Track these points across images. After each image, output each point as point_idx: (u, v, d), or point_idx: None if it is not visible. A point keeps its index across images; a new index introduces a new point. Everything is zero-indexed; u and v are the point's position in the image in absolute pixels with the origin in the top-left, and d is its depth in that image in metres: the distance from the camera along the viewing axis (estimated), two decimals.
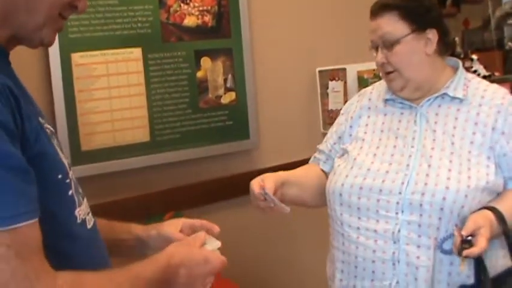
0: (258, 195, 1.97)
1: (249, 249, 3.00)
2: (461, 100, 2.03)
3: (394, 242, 1.95)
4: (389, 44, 1.99)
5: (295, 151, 2.28)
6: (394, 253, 1.95)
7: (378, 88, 2.23)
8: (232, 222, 2.85)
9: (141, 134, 2.65)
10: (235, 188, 2.85)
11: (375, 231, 1.98)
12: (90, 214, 1.35)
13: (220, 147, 2.86)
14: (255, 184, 2.00)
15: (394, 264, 1.96)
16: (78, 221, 1.25)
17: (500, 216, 1.87)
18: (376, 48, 2.03)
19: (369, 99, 2.21)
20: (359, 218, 2.02)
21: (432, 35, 2.01)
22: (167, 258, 1.34)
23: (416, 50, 2.01)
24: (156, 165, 2.68)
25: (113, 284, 1.20)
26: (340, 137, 2.23)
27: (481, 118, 1.99)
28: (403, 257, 1.94)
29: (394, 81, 2.04)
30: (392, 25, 1.98)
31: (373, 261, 1.99)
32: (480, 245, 1.78)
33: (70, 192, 1.22)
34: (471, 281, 1.89)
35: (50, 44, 1.29)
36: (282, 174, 2.12)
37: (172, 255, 1.35)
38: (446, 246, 1.90)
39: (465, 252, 1.78)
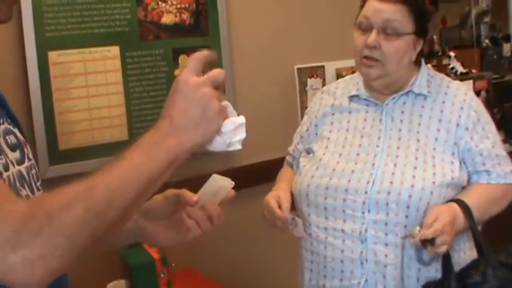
0: (284, 219, 1.97)
1: (228, 247, 3.00)
2: (425, 97, 2.05)
3: (362, 242, 1.96)
4: (391, 33, 1.96)
5: (274, 149, 2.28)
6: (361, 252, 1.97)
7: (342, 85, 2.22)
8: None
9: (119, 132, 2.64)
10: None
11: (343, 231, 1.99)
12: None
13: None
14: (274, 204, 2.01)
15: (362, 263, 1.97)
16: None
17: (466, 209, 1.90)
18: (369, 29, 1.98)
19: (334, 98, 2.20)
20: (326, 218, 2.03)
21: (419, 45, 2.03)
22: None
23: (408, 51, 2.00)
24: None
25: (84, 180, 1.06)
26: (302, 137, 2.25)
27: (445, 115, 2.02)
28: (370, 256, 1.96)
29: (372, 68, 2.00)
30: (402, 17, 1.96)
31: (342, 261, 2.00)
32: (442, 245, 1.82)
33: None
34: (440, 275, 1.93)
35: (8, 19, 1.24)
36: (288, 191, 2.13)
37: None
38: (425, 257, 1.93)
39: (429, 250, 1.83)
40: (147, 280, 1.96)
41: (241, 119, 1.20)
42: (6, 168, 1.19)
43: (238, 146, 1.21)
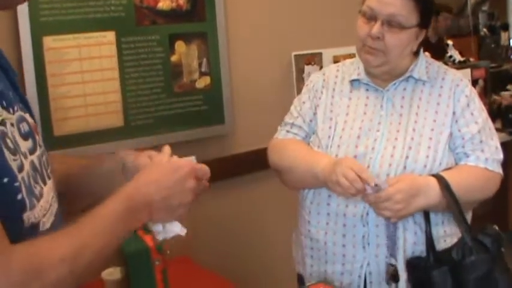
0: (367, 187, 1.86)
1: (222, 234, 2.99)
2: (424, 82, 2.08)
3: (363, 225, 1.99)
4: (396, 25, 1.96)
5: (271, 136, 2.26)
6: (364, 236, 2.00)
7: (343, 69, 2.21)
8: (207, 207, 2.83)
9: (114, 119, 2.62)
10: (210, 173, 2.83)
11: (344, 215, 2.02)
12: (50, 211, 1.28)
13: (195, 132, 2.83)
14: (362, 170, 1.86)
15: (364, 247, 2.01)
16: (26, 225, 1.17)
17: (446, 185, 1.91)
18: (373, 19, 1.97)
19: (335, 82, 2.19)
20: (328, 204, 2.05)
21: (421, 36, 2.05)
22: (132, 183, 1.33)
23: (410, 42, 2.01)
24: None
25: (70, 237, 1.17)
26: (314, 114, 2.18)
27: (443, 99, 2.05)
28: (373, 239, 1.99)
29: (374, 56, 2.01)
30: (408, 11, 1.96)
31: (344, 245, 2.04)
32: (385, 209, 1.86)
33: (19, 196, 1.15)
34: None
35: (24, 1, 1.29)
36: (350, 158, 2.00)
37: (137, 179, 1.34)
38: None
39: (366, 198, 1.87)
40: (142, 268, 1.95)
41: (183, 232, 1.41)
42: (21, 169, 1.18)
43: (159, 239, 1.42)
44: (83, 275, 1.17)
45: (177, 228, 1.40)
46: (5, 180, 1.12)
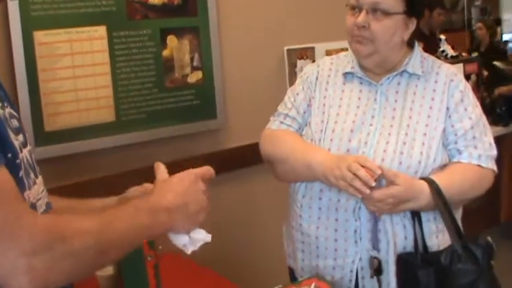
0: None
1: (214, 229, 2.98)
2: (418, 77, 2.06)
3: (356, 220, 1.98)
4: (379, 13, 1.95)
5: (262, 131, 2.26)
6: (356, 231, 1.99)
7: (337, 62, 2.20)
8: None
9: (106, 114, 2.61)
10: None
11: (336, 209, 2.01)
12: (42, 200, 1.31)
13: (187, 126, 2.83)
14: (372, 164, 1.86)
15: (356, 241, 2.00)
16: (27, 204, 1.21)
17: (437, 190, 1.90)
18: (359, 9, 1.97)
19: (328, 75, 2.18)
20: (320, 198, 2.04)
21: (412, 24, 2.03)
22: (147, 196, 1.38)
23: (398, 30, 2.00)
24: (122, 145, 2.65)
25: (95, 216, 1.22)
26: (308, 105, 2.17)
27: (437, 94, 2.04)
28: (365, 233, 1.98)
29: (363, 45, 2.00)
30: None
31: (336, 240, 2.03)
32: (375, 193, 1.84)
33: (20, 174, 1.19)
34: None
35: None
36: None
37: (151, 193, 1.39)
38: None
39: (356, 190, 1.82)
40: (134, 263, 1.95)
41: (209, 238, 1.44)
42: (21, 150, 1.23)
43: (188, 252, 1.43)
44: (106, 252, 1.20)
45: (201, 236, 1.42)
46: (9, 155, 1.16)
